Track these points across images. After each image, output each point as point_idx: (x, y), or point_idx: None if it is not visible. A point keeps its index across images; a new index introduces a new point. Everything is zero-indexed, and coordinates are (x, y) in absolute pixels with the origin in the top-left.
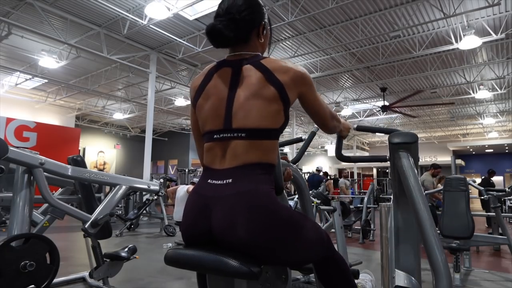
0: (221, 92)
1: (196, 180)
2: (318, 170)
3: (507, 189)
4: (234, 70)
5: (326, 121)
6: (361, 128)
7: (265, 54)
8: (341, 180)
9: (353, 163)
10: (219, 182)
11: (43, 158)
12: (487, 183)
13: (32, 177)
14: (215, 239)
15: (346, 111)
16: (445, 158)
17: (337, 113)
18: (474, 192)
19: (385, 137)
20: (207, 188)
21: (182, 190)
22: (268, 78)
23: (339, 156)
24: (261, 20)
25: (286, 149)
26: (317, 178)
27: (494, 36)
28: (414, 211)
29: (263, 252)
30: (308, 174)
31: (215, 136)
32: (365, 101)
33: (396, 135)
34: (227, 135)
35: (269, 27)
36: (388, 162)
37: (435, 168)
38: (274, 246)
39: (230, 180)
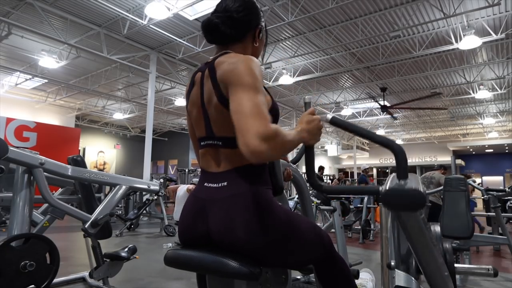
0: (198, 100)
1: (196, 180)
2: (365, 170)
3: (507, 189)
4: (202, 75)
5: (243, 133)
6: (336, 123)
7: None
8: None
9: (352, 162)
10: (215, 185)
11: (43, 158)
12: None
13: (32, 177)
14: (213, 242)
15: (346, 111)
16: (445, 158)
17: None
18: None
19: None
20: (204, 191)
21: (182, 189)
22: (213, 83)
23: (314, 185)
24: (257, 23)
25: None
26: (363, 178)
27: (494, 36)
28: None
29: (262, 254)
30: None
31: (201, 143)
32: (365, 101)
33: (390, 195)
34: (210, 142)
35: (265, 33)
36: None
37: (445, 169)
38: (272, 248)
39: (225, 183)
